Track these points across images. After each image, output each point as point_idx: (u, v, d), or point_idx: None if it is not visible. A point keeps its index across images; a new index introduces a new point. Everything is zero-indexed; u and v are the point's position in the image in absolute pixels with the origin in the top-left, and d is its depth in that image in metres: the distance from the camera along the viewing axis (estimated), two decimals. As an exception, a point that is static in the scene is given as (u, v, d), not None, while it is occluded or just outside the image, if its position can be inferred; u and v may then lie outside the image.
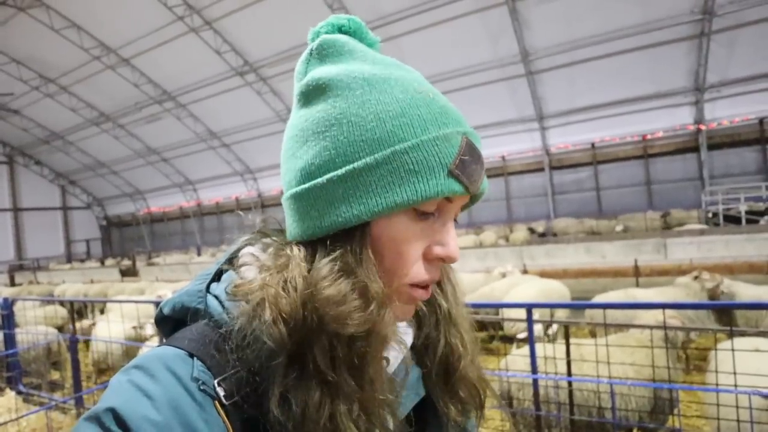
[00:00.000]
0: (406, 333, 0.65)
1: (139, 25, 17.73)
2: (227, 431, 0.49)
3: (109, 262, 25.11)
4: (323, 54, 0.61)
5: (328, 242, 0.54)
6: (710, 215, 13.10)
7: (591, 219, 16.61)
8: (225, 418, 0.49)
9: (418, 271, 0.56)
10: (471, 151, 0.55)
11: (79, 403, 5.00)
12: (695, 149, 17.25)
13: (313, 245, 0.55)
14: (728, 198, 12.73)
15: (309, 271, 0.53)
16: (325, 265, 0.53)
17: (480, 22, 15.51)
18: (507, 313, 4.10)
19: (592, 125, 18.08)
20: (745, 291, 4.95)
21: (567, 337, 2.83)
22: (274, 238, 0.61)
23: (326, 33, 0.64)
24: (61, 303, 9.11)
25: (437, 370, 0.65)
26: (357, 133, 0.53)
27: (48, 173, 31.91)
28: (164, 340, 0.56)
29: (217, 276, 0.61)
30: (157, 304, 5.06)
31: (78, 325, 6.29)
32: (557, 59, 16.17)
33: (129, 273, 18.37)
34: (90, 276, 17.98)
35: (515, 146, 19.69)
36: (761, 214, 12.03)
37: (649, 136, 17.98)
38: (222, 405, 0.49)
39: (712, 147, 16.93)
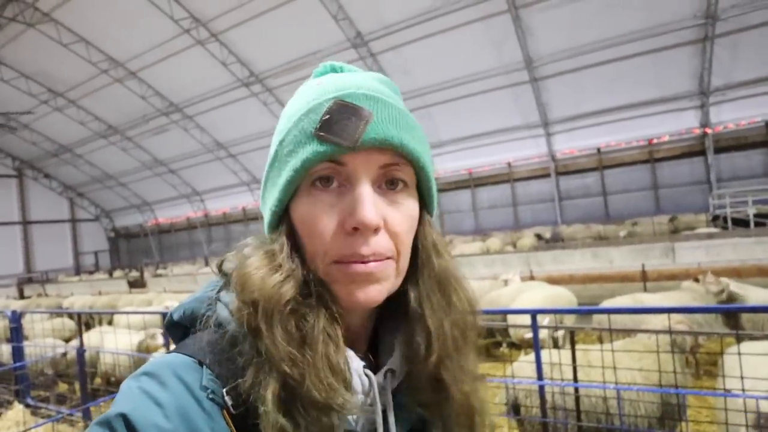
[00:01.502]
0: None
1: (146, 39, 18.00)
2: None
3: (117, 273, 25.26)
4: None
5: (271, 235, 0.60)
6: (718, 218, 12.96)
7: (598, 224, 16.50)
8: (233, 428, 0.49)
9: (337, 246, 0.54)
10: (339, 108, 0.54)
11: (86, 415, 5.00)
12: (702, 153, 17.15)
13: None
14: (736, 201, 12.60)
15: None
16: (259, 253, 0.57)
17: (483, 30, 15.59)
18: (513, 319, 4.08)
19: (597, 130, 18.03)
20: (754, 294, 4.89)
21: (573, 343, 2.81)
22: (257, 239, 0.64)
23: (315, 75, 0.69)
24: (69, 315, 9.16)
25: (401, 370, 0.60)
26: (274, 141, 0.61)
27: (57, 186, 32.22)
28: (174, 347, 0.57)
29: (228, 283, 0.61)
30: (164, 315, 5.09)
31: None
32: (561, 65, 16.20)
33: (137, 284, 18.45)
34: (98, 288, 18.08)
35: (521, 152, 19.67)
36: (769, 217, 11.91)
37: (655, 141, 17.90)
38: (231, 414, 0.50)
39: (718, 150, 16.81)
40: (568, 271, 8.02)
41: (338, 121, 0.53)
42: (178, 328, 0.61)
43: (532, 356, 3.11)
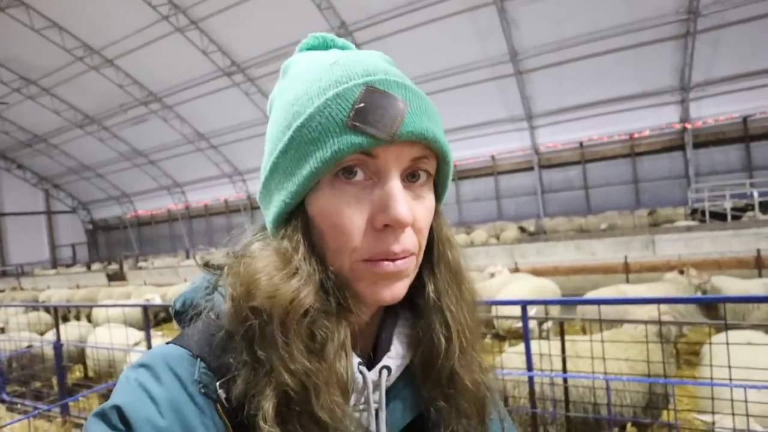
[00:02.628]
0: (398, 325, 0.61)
1: (123, 25, 17.46)
2: None
3: (95, 266, 24.74)
4: (282, 77, 0.62)
5: (280, 231, 0.55)
6: (696, 212, 13.27)
7: (580, 217, 16.75)
8: (227, 421, 0.48)
9: (367, 245, 0.51)
10: (372, 96, 0.50)
11: (64, 410, 4.88)
12: (681, 147, 17.50)
13: (274, 235, 0.56)
14: (714, 195, 12.92)
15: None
16: (266, 250, 0.53)
17: (469, 22, 15.56)
18: (500, 310, 4.09)
19: (580, 124, 18.24)
20: (734, 285, 5.02)
21: (562, 334, 2.81)
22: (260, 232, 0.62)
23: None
24: (46, 309, 8.92)
25: (418, 366, 0.59)
26: (275, 129, 0.55)
27: (31, 177, 31.32)
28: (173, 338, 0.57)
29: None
30: (145, 308, 4.98)
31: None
32: (545, 59, 16.29)
33: (116, 277, 18.09)
34: (76, 281, 17.70)
35: (505, 146, 19.79)
36: (744, 210, 12.23)
37: (636, 135, 18.21)
38: (224, 407, 0.49)
39: (697, 145, 17.18)
40: (552, 263, 8.11)
41: (374, 110, 0.49)
42: (183, 317, 0.59)
43: (519, 347, 3.11)
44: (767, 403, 2.14)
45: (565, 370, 2.73)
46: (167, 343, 0.54)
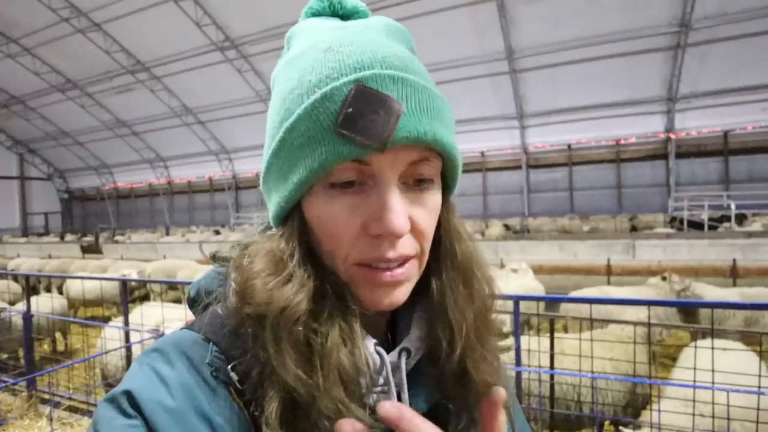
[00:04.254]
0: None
1: (114, -11, 16.90)
2: (242, 416, 0.48)
3: (69, 237, 24.11)
4: (287, 47, 0.58)
5: (280, 230, 0.53)
6: (675, 220, 13.63)
7: (564, 219, 17.03)
8: (240, 403, 0.48)
9: (360, 249, 0.49)
10: (363, 97, 0.45)
11: (30, 384, 4.72)
12: (664, 156, 17.92)
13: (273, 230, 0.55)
14: (693, 204, 13.29)
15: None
16: (261, 246, 0.52)
17: (468, 17, 15.53)
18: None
19: (569, 127, 18.49)
20: (712, 293, 5.19)
21: (552, 332, 2.85)
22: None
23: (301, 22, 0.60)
24: (15, 278, 8.65)
25: (427, 363, 0.57)
26: (272, 119, 0.52)
27: (5, 140, 30.28)
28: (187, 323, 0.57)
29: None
30: (124, 282, 4.84)
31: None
32: (540, 59, 16.41)
33: (91, 250, 17.65)
34: (48, 251, 17.21)
35: (495, 143, 19.93)
36: (721, 221, 12.63)
37: (622, 141, 18.56)
38: (237, 390, 0.48)
39: (679, 155, 17.64)
40: (536, 262, 8.23)
41: (363, 115, 0.44)
42: (197, 304, 0.59)
43: (507, 342, 3.14)
44: (749, 407, 2.21)
45: (552, 367, 2.78)
46: (180, 329, 0.54)
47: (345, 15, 0.59)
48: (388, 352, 0.54)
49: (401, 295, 0.52)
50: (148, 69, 20.83)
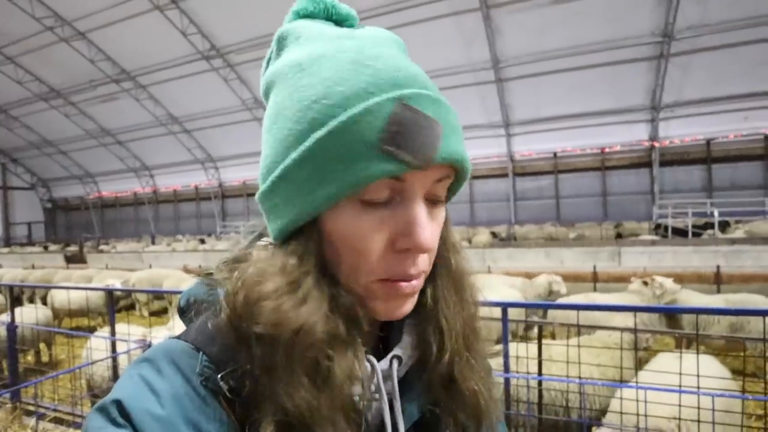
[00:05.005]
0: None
1: (98, -2, 16.78)
2: (233, 425, 0.47)
3: (53, 247, 23.67)
4: (280, 47, 0.57)
5: (289, 244, 0.51)
6: (660, 227, 13.84)
7: (550, 226, 17.19)
8: (230, 413, 0.47)
9: (385, 266, 0.49)
10: (406, 116, 0.45)
11: (15, 396, 4.62)
12: (648, 164, 18.21)
13: (279, 245, 0.52)
14: (677, 212, 13.50)
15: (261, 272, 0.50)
16: (269, 262, 0.50)
17: (454, 26, 15.71)
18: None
19: (555, 135, 18.72)
20: (696, 299, 5.28)
21: (540, 338, 2.87)
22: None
23: (288, 23, 0.58)
24: (-2, 288, 8.44)
25: (414, 370, 0.57)
26: (287, 127, 0.49)
27: (-13, 149, 29.75)
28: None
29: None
30: (110, 292, 4.77)
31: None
32: (526, 68, 16.63)
33: (75, 260, 17.33)
34: (31, 261, 16.90)
35: (481, 151, 20.09)
36: (704, 228, 12.85)
37: (607, 150, 18.84)
38: (227, 399, 0.48)
39: (663, 163, 17.94)
40: (523, 269, 8.30)
41: (408, 134, 0.45)
42: (188, 315, 0.58)
43: (495, 348, 3.14)
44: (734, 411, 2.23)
45: (540, 373, 2.79)
46: (170, 338, 0.54)
47: (338, 20, 0.59)
48: (379, 360, 0.54)
49: (411, 305, 0.53)
50: (133, 78, 20.67)
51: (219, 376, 0.48)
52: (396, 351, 0.56)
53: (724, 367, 3.10)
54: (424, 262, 0.51)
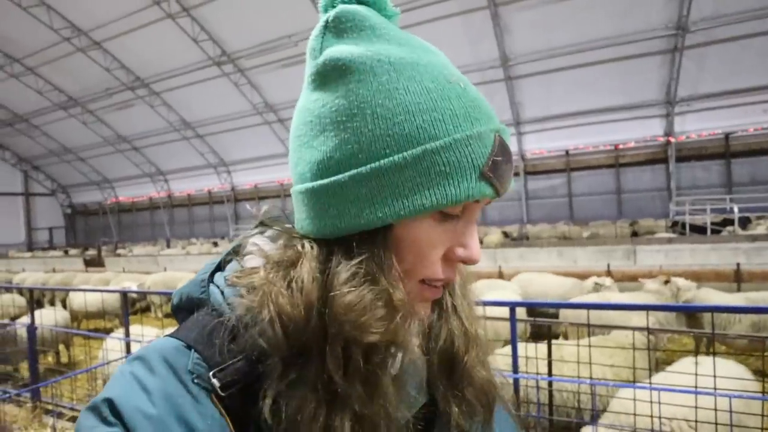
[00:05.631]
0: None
1: (113, 8, 17.09)
2: (225, 422, 0.48)
3: (72, 251, 24.16)
4: (341, 29, 0.54)
5: (352, 244, 0.51)
6: (677, 224, 13.54)
7: (564, 225, 16.94)
8: (222, 410, 0.48)
9: (435, 271, 0.53)
10: (503, 150, 0.51)
11: (35, 396, 4.75)
12: (664, 160, 17.82)
13: (329, 245, 0.52)
14: (695, 209, 13.18)
15: (322, 272, 0.50)
16: (345, 268, 0.50)
17: (462, 25, 15.61)
18: (488, 311, 4.08)
19: (567, 132, 18.43)
20: (716, 298, 5.12)
21: (549, 338, 2.82)
22: (279, 228, 0.59)
23: (342, 2, 0.55)
24: (20, 291, 8.66)
25: (439, 364, 0.61)
26: (383, 126, 0.48)
27: (10, 157, 30.50)
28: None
29: (223, 266, 0.61)
30: (124, 294, 4.87)
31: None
32: (535, 66, 16.44)
33: (94, 263, 17.69)
34: (52, 265, 17.27)
35: (492, 150, 19.90)
36: (723, 224, 12.51)
37: (621, 146, 18.48)
38: (219, 396, 0.48)
39: (680, 159, 17.52)
40: (535, 269, 8.19)
41: (503, 165, 0.51)
42: (181, 312, 0.59)
43: (506, 349, 3.11)
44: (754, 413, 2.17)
45: (550, 373, 2.74)
46: (164, 337, 0.54)
47: (387, 15, 0.58)
48: None
49: (430, 307, 0.59)
50: (147, 85, 21.00)
51: (211, 373, 0.49)
52: None
53: (744, 368, 3.02)
54: (455, 273, 0.57)
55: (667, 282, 5.10)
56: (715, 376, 2.15)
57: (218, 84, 19.86)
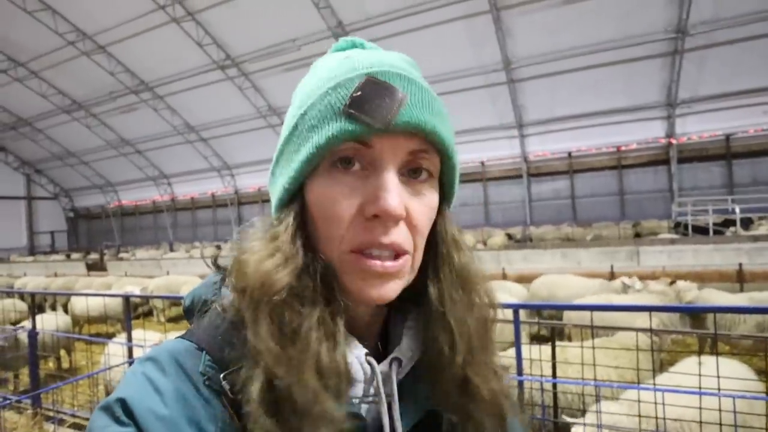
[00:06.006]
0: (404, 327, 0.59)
1: (118, 12, 17.20)
2: (235, 426, 0.48)
3: (75, 255, 24.21)
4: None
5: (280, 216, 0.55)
6: (679, 225, 13.53)
7: (567, 227, 16.94)
8: (232, 413, 0.48)
9: (354, 232, 0.50)
10: (371, 86, 0.49)
11: (35, 402, 4.71)
12: (666, 162, 17.84)
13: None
14: (697, 210, 13.18)
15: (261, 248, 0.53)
16: (260, 236, 0.53)
17: (464, 29, 15.67)
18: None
19: (569, 135, 18.46)
20: (720, 298, 5.12)
21: (553, 340, 2.82)
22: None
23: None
24: (21, 296, 8.67)
25: (426, 372, 0.57)
26: (287, 118, 0.56)
27: (13, 160, 30.58)
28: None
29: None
30: (127, 298, 4.85)
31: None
32: (538, 69, 16.49)
33: (96, 267, 17.71)
34: (54, 269, 17.30)
35: (495, 152, 19.93)
36: (725, 225, 12.51)
37: (623, 148, 18.50)
38: (230, 398, 0.48)
39: (681, 160, 17.54)
40: (539, 270, 8.19)
41: (370, 99, 0.49)
42: (193, 313, 0.60)
43: (510, 351, 3.11)
44: (756, 413, 2.17)
45: (555, 375, 2.74)
46: (176, 338, 0.55)
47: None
48: (379, 362, 0.54)
49: (392, 290, 0.52)
50: (151, 89, 21.09)
51: (221, 375, 0.49)
52: (396, 353, 0.56)
53: (748, 369, 3.01)
54: (399, 235, 0.50)
55: (672, 283, 5.09)
56: (718, 377, 2.15)
57: (222, 88, 19.95)
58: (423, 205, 0.53)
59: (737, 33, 13.77)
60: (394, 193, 0.49)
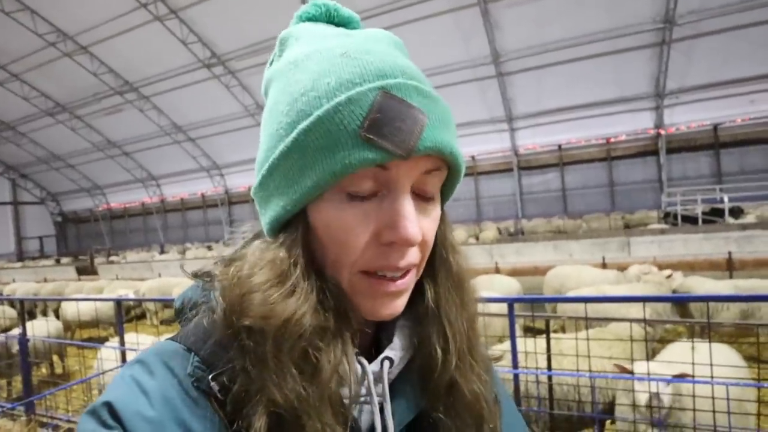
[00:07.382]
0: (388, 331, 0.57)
1: (99, 11, 16.91)
2: (223, 427, 0.47)
3: (64, 260, 23.93)
4: (281, 49, 0.58)
5: (278, 236, 0.52)
6: (669, 216, 13.68)
7: (558, 219, 17.08)
8: (221, 414, 0.47)
9: (368, 257, 0.48)
10: (389, 105, 0.45)
11: (29, 409, 4.66)
12: (655, 153, 18.02)
13: (271, 239, 0.53)
14: (686, 200, 13.34)
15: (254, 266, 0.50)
16: (259, 256, 0.50)
17: (452, 23, 15.65)
18: (487, 308, 4.09)
19: (559, 127, 18.58)
20: (704, 285, 5.21)
21: (548, 332, 2.83)
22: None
23: (292, 26, 0.59)
24: (11, 303, 8.54)
25: (416, 373, 0.56)
26: (277, 120, 0.50)
27: (-3, 166, 30.17)
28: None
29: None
30: (118, 303, 4.80)
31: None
32: (527, 62, 16.53)
33: (86, 271, 17.52)
34: (43, 275, 17.09)
35: (485, 146, 19.99)
36: (713, 214, 12.68)
37: (612, 139, 18.66)
38: (218, 400, 0.47)
39: (670, 151, 17.73)
40: (531, 263, 8.24)
41: (390, 122, 0.45)
42: (183, 317, 0.58)
43: (505, 345, 3.12)
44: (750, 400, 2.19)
45: (550, 368, 2.75)
46: (165, 340, 0.54)
47: (340, 23, 0.59)
48: (370, 362, 0.53)
49: (401, 305, 0.52)
50: (136, 89, 20.83)
51: (210, 377, 0.48)
52: (387, 353, 0.54)
53: (738, 355, 3.05)
54: (413, 256, 0.50)
55: (668, 277, 5.15)
56: (711, 365, 2.17)
57: (209, 86, 19.75)
58: (431, 221, 0.52)
59: (724, 22, 13.89)
60: (413, 220, 0.47)
